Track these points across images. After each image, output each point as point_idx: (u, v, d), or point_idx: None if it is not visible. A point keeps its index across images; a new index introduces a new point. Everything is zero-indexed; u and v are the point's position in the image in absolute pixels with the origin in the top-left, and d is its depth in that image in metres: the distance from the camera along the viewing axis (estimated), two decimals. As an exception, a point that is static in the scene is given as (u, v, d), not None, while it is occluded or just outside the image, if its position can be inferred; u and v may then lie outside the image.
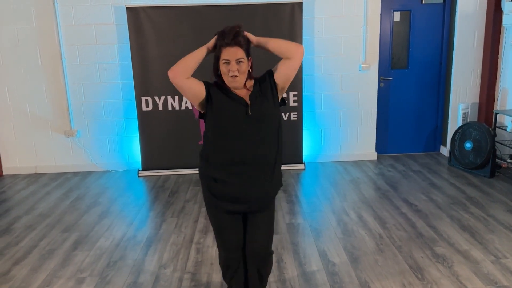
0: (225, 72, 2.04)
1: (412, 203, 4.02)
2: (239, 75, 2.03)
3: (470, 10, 5.10)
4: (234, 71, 2.02)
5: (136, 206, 4.17)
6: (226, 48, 2.02)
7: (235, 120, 2.07)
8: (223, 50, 2.02)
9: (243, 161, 2.09)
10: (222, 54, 2.02)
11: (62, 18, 4.93)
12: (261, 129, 2.10)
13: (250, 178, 2.12)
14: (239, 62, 2.02)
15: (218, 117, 2.08)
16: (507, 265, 2.92)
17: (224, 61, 2.03)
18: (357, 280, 2.80)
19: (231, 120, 2.08)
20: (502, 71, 5.05)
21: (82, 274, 2.98)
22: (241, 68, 2.03)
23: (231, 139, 2.09)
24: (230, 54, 2.01)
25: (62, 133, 5.24)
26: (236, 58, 2.01)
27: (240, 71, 2.03)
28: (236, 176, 2.11)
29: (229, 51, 2.01)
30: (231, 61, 2.02)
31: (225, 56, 2.02)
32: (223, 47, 2.02)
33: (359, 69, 5.21)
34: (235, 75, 2.02)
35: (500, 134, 4.88)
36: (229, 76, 2.03)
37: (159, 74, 4.95)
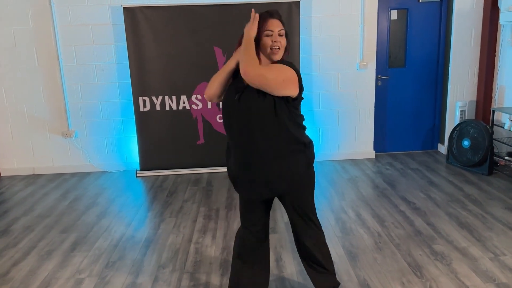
0: (267, 44, 2.07)
1: (411, 201, 4.03)
2: (280, 48, 2.09)
3: (467, 8, 5.11)
4: (277, 41, 2.06)
5: (135, 206, 4.17)
6: (269, 19, 2.08)
7: (227, 103, 2.15)
8: (267, 21, 2.07)
9: (235, 144, 2.16)
10: (266, 25, 2.06)
11: (58, 19, 4.92)
12: (250, 117, 2.07)
13: (243, 164, 2.15)
14: (280, 34, 2.09)
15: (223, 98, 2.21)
16: (505, 262, 2.92)
17: (266, 32, 2.06)
18: (356, 279, 2.80)
19: (225, 102, 2.17)
20: (499, 68, 5.06)
21: (81, 274, 2.97)
22: (282, 41, 2.09)
23: (225, 122, 2.18)
24: (274, 24, 2.07)
25: (59, 134, 5.23)
26: (279, 28, 2.07)
27: (281, 45, 2.09)
28: (235, 159, 2.19)
29: (272, 22, 2.07)
30: (274, 32, 2.06)
31: (269, 26, 2.06)
32: (267, 18, 2.08)
33: (357, 67, 5.21)
34: (277, 46, 2.06)
35: (497, 132, 4.89)
36: (270, 48, 2.07)
37: (156, 74, 4.94)
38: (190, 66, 4.96)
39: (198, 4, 4.83)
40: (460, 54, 5.23)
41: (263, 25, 2.07)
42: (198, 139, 5.15)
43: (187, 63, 4.95)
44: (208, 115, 5.11)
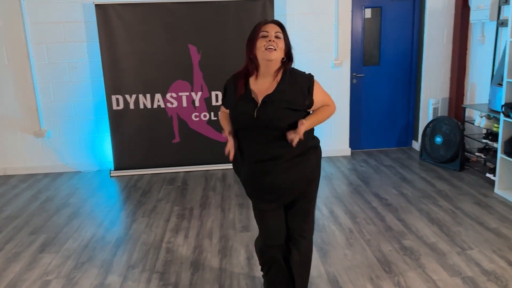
0: (261, 46, 2.01)
1: (383, 197, 4.07)
2: (276, 49, 2.01)
3: (439, 6, 5.18)
4: (272, 40, 2.01)
5: (107, 206, 4.11)
6: (265, 25, 2.05)
7: (243, 120, 2.09)
8: (263, 25, 2.05)
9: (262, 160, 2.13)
10: (262, 28, 2.03)
11: (28, 16, 4.81)
12: (269, 132, 2.06)
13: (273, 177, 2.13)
14: (277, 36, 2.03)
15: (232, 112, 2.16)
16: (472, 256, 2.98)
17: (262, 34, 2.02)
18: (325, 275, 2.81)
19: (240, 118, 2.11)
20: (470, 66, 5.15)
21: (48, 276, 2.92)
22: (278, 43, 2.02)
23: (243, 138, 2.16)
24: (270, 27, 2.04)
25: (31, 134, 5.12)
26: (275, 30, 2.03)
27: (278, 47, 2.02)
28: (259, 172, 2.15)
29: (268, 25, 2.05)
30: (269, 33, 2.02)
31: (265, 28, 2.03)
32: (263, 23, 2.06)
33: (332, 66, 5.24)
34: (271, 46, 2.00)
35: (469, 128, 4.97)
36: (265, 48, 2.00)
37: (130, 72, 4.88)
38: (164, 64, 4.91)
39: (172, 1, 4.78)
40: (433, 52, 5.30)
41: (257, 30, 2.04)
42: (173, 137, 5.11)
43: (161, 61, 4.90)
44: (184, 114, 5.07)
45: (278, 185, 2.14)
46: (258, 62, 2.06)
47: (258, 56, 2.04)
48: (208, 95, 5.05)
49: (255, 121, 2.04)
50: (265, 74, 2.08)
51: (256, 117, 2.04)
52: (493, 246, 3.10)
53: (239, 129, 2.14)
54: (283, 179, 2.13)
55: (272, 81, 2.09)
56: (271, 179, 2.12)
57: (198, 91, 5.03)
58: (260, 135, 2.08)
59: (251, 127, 2.08)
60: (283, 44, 2.05)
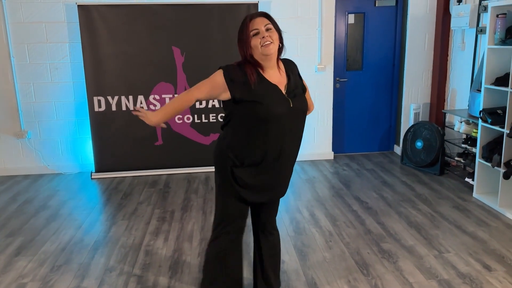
0: (257, 44, 1.99)
1: (364, 201, 4.10)
2: (273, 41, 2.00)
3: (420, 13, 5.26)
4: (266, 37, 1.98)
5: (86, 209, 4.06)
6: (252, 20, 2.01)
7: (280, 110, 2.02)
8: (250, 22, 2.00)
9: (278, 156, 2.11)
10: (250, 26, 1.99)
11: (10, 16, 4.75)
12: (300, 121, 2.15)
13: (280, 173, 2.16)
14: (268, 29, 2.01)
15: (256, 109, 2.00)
16: (448, 259, 3.01)
17: (253, 32, 1.99)
18: (304, 277, 2.82)
19: (275, 109, 2.01)
20: (451, 72, 5.23)
21: (24, 279, 2.87)
22: (272, 35, 2.00)
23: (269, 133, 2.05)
24: (258, 22, 1.99)
25: (11, 135, 5.04)
26: (264, 24, 2.00)
27: (273, 38, 2.00)
28: (268, 170, 2.12)
29: (255, 21, 2.00)
30: (260, 30, 1.99)
31: (254, 26, 1.99)
32: (249, 20, 2.01)
33: (315, 70, 5.28)
34: (267, 42, 1.98)
35: (449, 133, 5.05)
36: (261, 45, 1.98)
37: (112, 74, 4.85)
38: (147, 66, 4.89)
39: (156, 3, 4.77)
40: (415, 58, 5.38)
41: (246, 29, 2.00)
42: (156, 140, 5.08)
43: (145, 62, 4.88)
44: (166, 116, 5.04)
45: (287, 178, 2.23)
46: (256, 60, 2.04)
47: (255, 55, 2.03)
48: (191, 98, 5.03)
49: (290, 111, 2.05)
50: (269, 66, 2.07)
51: (292, 105, 2.06)
52: (469, 249, 3.15)
53: (267, 121, 2.01)
54: (290, 172, 2.25)
55: (279, 70, 2.12)
56: (287, 172, 2.21)
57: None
58: (289, 126, 2.08)
59: (284, 118, 2.04)
60: (276, 34, 2.05)
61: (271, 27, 2.02)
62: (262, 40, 1.98)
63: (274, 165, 2.12)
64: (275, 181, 2.17)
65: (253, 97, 2.00)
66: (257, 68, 2.05)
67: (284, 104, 2.03)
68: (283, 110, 2.02)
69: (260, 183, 2.14)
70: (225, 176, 2.15)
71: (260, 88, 2.02)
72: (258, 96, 2.00)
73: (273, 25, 2.04)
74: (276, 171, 2.14)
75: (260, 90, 2.01)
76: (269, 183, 2.16)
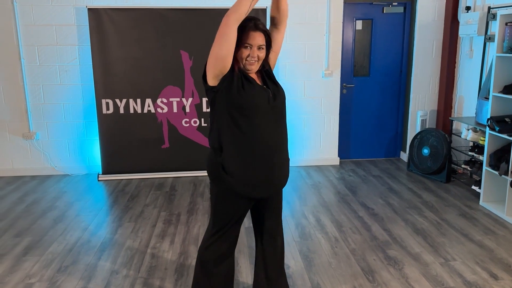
0: (243, 56, 2.04)
1: (370, 207, 4.10)
2: (258, 60, 2.06)
3: (428, 20, 5.27)
4: (255, 57, 2.04)
5: (93, 210, 4.09)
6: (251, 32, 2.02)
7: (262, 101, 2.07)
8: (249, 33, 2.01)
9: (270, 147, 2.12)
10: (247, 37, 2.01)
11: (21, 18, 4.81)
12: (282, 114, 2.18)
13: (277, 164, 2.16)
14: (260, 48, 2.05)
15: (241, 101, 2.03)
16: (455, 267, 3.00)
17: (246, 45, 2.02)
18: (309, 283, 2.82)
19: (256, 105, 2.06)
20: (458, 80, 5.23)
21: (31, 279, 2.89)
22: (260, 54, 2.06)
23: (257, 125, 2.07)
24: (255, 38, 2.01)
25: (20, 136, 5.09)
26: (258, 44, 2.03)
27: (259, 57, 2.06)
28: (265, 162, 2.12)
29: (254, 35, 2.01)
30: (253, 46, 2.03)
31: (249, 40, 2.01)
32: (249, 30, 2.01)
33: (322, 75, 5.29)
34: (253, 60, 2.04)
35: (456, 141, 5.04)
36: (246, 60, 2.04)
37: (120, 77, 4.89)
38: (155, 70, 4.93)
39: (165, 7, 4.81)
40: (422, 65, 5.38)
41: (243, 35, 2.01)
42: (163, 143, 5.11)
43: (153, 66, 4.92)
44: (174, 119, 5.08)
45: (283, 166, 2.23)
46: (239, 63, 2.08)
47: (236, 62, 2.06)
48: (199, 101, 5.07)
49: (271, 101, 2.10)
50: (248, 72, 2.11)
51: (272, 96, 2.11)
52: (476, 258, 3.13)
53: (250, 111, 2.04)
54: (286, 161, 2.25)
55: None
56: (282, 161, 2.21)
57: (189, 97, 5.05)
58: (273, 118, 2.11)
59: (267, 109, 2.08)
60: (264, 53, 2.09)
61: (263, 48, 2.07)
62: (250, 57, 2.03)
63: (267, 156, 2.12)
64: (272, 171, 2.15)
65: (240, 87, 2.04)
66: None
67: (264, 94, 2.09)
68: (264, 100, 2.08)
69: (258, 175, 2.12)
70: (221, 182, 2.14)
71: (241, 81, 2.07)
72: (239, 87, 2.04)
73: (266, 43, 2.08)
74: (270, 161, 2.13)
75: (246, 83, 2.07)
76: (266, 174, 2.14)
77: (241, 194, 2.13)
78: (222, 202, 2.19)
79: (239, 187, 2.11)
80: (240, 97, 2.03)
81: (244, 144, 2.07)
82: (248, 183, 2.11)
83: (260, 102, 2.07)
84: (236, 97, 2.03)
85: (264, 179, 2.14)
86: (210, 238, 2.27)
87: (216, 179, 2.15)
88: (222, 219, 2.22)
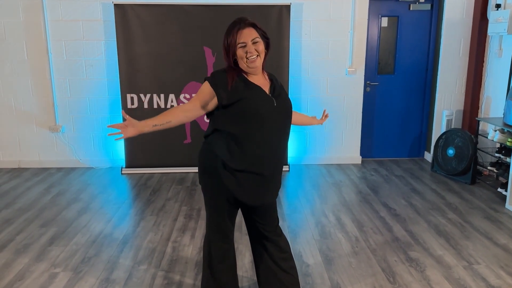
0: (242, 55, 2.03)
1: (392, 207, 4.05)
2: (259, 55, 2.04)
3: (456, 18, 5.15)
4: (252, 52, 2.02)
5: (117, 203, 4.16)
6: (240, 31, 2.03)
7: (265, 109, 2.04)
8: (238, 33, 2.02)
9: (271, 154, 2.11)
10: (238, 38, 2.01)
11: (49, 13, 4.92)
12: (286, 121, 2.15)
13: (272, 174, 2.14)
14: (255, 42, 2.03)
15: (242, 108, 2.03)
16: (478, 271, 2.94)
17: (240, 45, 2.02)
18: (329, 282, 2.81)
19: (261, 108, 2.03)
20: (486, 79, 5.10)
21: (56, 269, 2.97)
22: (258, 47, 2.04)
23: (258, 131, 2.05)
24: (245, 35, 2.01)
25: (46, 128, 5.22)
26: (252, 38, 2.02)
27: (259, 51, 2.04)
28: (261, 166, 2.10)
29: (243, 33, 2.02)
30: (247, 43, 2.02)
31: (241, 39, 2.01)
32: (237, 31, 2.02)
33: (346, 73, 5.24)
34: (253, 56, 2.02)
35: (482, 142, 4.92)
36: (247, 58, 2.02)
37: (145, 72, 4.95)
38: (179, 65, 4.97)
39: (190, 3, 4.84)
40: (449, 63, 5.27)
41: (233, 39, 2.01)
42: (185, 138, 5.16)
43: (177, 62, 4.96)
44: (196, 115, 5.11)
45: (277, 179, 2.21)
46: (240, 68, 2.08)
47: (240, 64, 2.06)
48: (221, 98, 5.08)
49: (275, 109, 2.07)
50: (253, 72, 2.10)
51: (276, 104, 2.07)
52: (500, 262, 3.06)
53: (256, 122, 2.02)
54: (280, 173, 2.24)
55: (263, 75, 2.17)
56: (277, 173, 2.19)
57: (211, 93, 5.07)
58: (275, 125, 2.08)
59: (271, 117, 2.05)
60: (263, 45, 2.07)
61: (258, 40, 2.04)
62: (248, 54, 2.01)
63: (264, 166, 2.09)
64: (267, 182, 2.14)
65: (238, 97, 2.02)
66: (241, 73, 2.09)
67: (268, 102, 2.06)
68: (267, 109, 2.05)
69: (253, 184, 2.11)
70: (215, 184, 2.13)
71: (244, 89, 2.05)
72: (243, 95, 2.03)
73: (260, 36, 2.06)
74: (267, 172, 2.11)
75: (244, 91, 2.05)
76: (261, 183, 2.12)
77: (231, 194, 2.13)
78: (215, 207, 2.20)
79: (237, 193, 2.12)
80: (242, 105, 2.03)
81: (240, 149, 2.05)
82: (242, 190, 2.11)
83: (263, 109, 2.04)
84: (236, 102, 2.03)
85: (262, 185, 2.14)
86: (210, 235, 2.29)
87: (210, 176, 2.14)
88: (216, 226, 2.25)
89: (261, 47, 2.05)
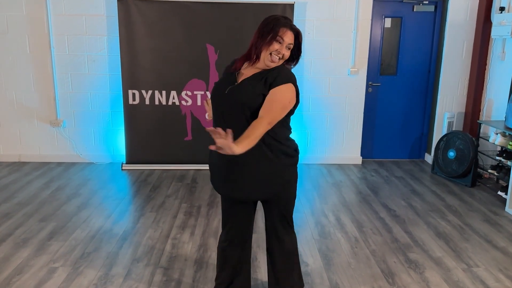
0: (273, 49, 2.03)
1: (391, 208, 4.05)
2: (281, 58, 2.07)
3: (460, 20, 5.14)
4: (281, 54, 2.04)
5: (117, 199, 4.16)
6: (286, 30, 2.04)
7: (215, 95, 2.13)
8: (284, 30, 2.03)
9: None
10: (282, 34, 2.02)
11: (52, 7, 4.90)
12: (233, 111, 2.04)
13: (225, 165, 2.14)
14: (288, 47, 2.06)
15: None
16: (477, 274, 2.94)
17: (278, 39, 2.03)
18: (328, 282, 2.81)
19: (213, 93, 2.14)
20: (488, 82, 5.09)
21: (55, 264, 2.97)
22: (286, 53, 2.07)
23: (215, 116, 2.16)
24: (288, 36, 2.04)
25: (47, 123, 5.21)
26: (289, 42, 2.05)
27: (283, 56, 2.07)
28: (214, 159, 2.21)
29: (287, 33, 2.04)
30: (283, 43, 2.04)
31: (283, 35, 2.03)
32: (285, 27, 2.04)
33: (348, 73, 5.23)
34: (278, 57, 2.04)
35: (483, 144, 4.92)
36: (273, 55, 2.03)
37: (147, 68, 4.94)
38: (181, 62, 4.96)
39: (193, 0, 4.83)
40: (451, 65, 5.26)
41: (279, 30, 2.02)
42: (186, 135, 5.15)
43: (179, 58, 4.95)
44: (197, 112, 5.11)
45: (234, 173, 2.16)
46: (259, 57, 2.07)
47: (262, 54, 2.06)
48: (222, 95, 5.08)
49: (225, 96, 2.05)
50: (261, 66, 2.09)
51: (227, 92, 2.06)
52: (499, 265, 3.06)
53: (213, 107, 2.15)
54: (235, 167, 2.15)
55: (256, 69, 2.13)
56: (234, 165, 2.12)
57: (213, 90, 5.06)
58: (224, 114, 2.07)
59: (220, 103, 2.08)
60: (289, 54, 2.10)
61: (291, 47, 2.08)
62: (276, 52, 2.03)
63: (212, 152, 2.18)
64: (223, 171, 2.16)
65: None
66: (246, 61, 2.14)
67: (221, 88, 2.10)
68: (218, 93, 2.10)
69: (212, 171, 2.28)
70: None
71: (225, 75, 2.18)
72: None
73: (294, 45, 2.08)
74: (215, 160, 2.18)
75: (223, 77, 2.18)
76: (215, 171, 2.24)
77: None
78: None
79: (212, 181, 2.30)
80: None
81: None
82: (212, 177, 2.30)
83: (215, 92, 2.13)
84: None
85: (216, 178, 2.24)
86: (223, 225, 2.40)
87: None
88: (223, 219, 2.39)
89: (287, 54, 2.09)
